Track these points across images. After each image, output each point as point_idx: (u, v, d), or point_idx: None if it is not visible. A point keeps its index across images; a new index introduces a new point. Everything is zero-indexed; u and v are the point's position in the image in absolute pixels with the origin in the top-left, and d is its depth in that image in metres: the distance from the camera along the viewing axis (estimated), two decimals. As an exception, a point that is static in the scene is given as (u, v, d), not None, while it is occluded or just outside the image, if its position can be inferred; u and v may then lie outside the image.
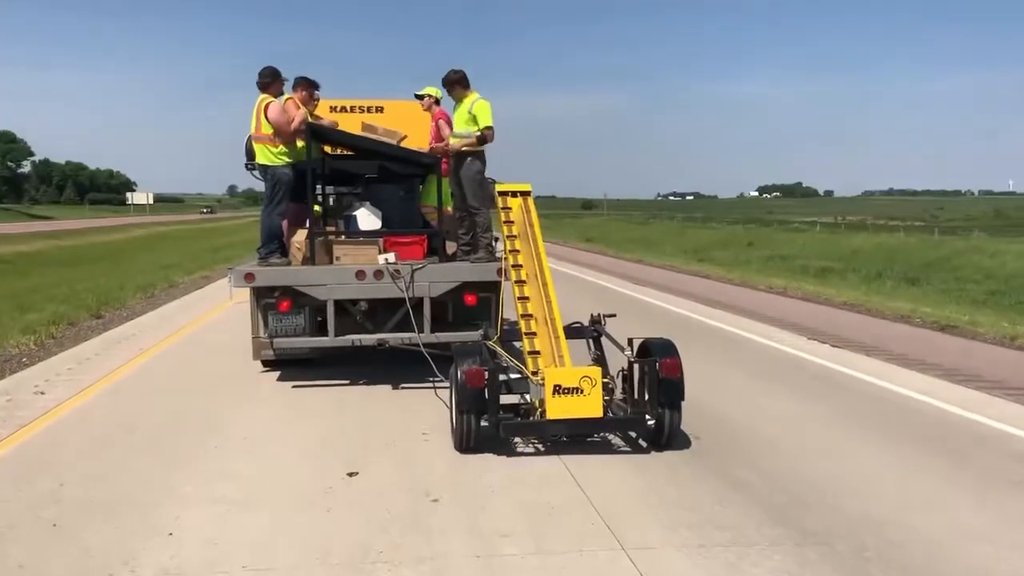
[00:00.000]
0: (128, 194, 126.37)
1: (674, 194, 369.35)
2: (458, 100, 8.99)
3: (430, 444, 6.90)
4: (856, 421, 7.73)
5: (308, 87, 9.30)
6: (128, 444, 6.88)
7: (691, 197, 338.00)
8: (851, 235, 58.61)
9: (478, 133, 8.79)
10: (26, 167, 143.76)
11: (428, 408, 8.00)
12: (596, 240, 53.26)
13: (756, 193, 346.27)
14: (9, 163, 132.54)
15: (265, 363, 9.83)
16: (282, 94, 9.08)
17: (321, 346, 9.07)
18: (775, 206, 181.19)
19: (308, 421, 7.62)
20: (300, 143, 8.99)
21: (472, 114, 8.78)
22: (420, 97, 9.82)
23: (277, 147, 8.88)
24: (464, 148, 8.92)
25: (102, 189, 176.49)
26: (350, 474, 6.08)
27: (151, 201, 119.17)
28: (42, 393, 8.64)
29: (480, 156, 9.05)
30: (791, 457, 6.62)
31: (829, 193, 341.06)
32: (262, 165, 9.04)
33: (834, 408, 8.26)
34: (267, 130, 8.82)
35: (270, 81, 8.99)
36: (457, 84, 8.92)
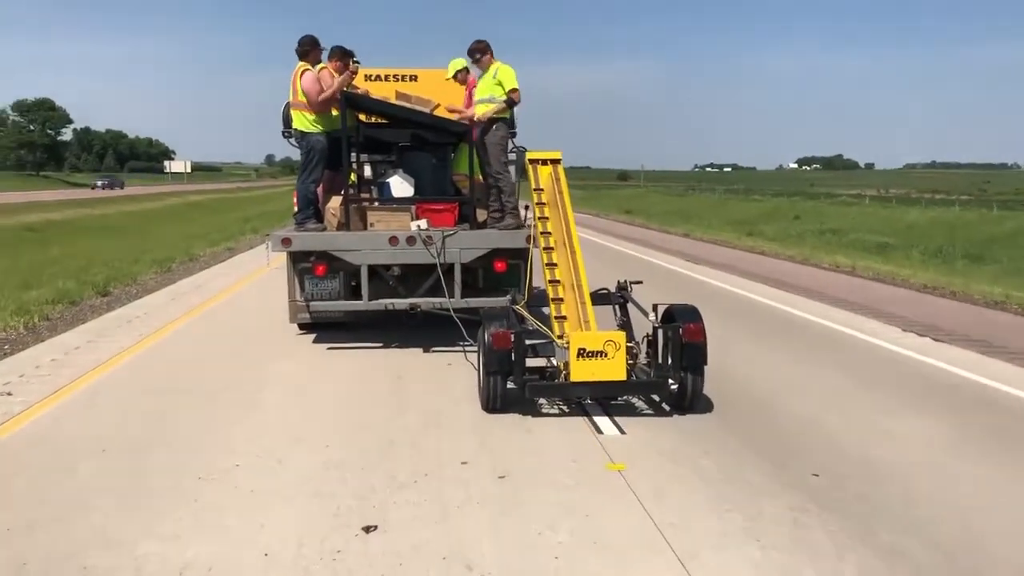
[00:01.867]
0: (166, 162, 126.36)
1: (711, 165, 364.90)
2: (484, 69, 9.04)
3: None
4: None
5: (343, 57, 9.34)
6: (84, 485, 5.47)
7: (728, 169, 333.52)
8: (903, 209, 56.38)
9: (504, 97, 8.86)
10: (66, 135, 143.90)
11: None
12: (636, 212, 51.48)
13: (795, 165, 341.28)
14: (49, 131, 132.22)
15: (301, 326, 10.04)
16: (320, 63, 9.23)
17: (355, 310, 9.32)
18: (815, 178, 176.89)
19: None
20: (335, 111, 9.13)
21: (497, 79, 8.86)
22: (455, 77, 9.94)
23: (311, 115, 9.01)
24: (494, 115, 8.96)
25: (141, 157, 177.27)
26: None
27: (188, 169, 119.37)
28: (8, 395, 7.28)
29: (505, 122, 9.12)
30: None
31: (870, 166, 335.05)
32: (299, 132, 9.14)
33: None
34: (303, 98, 8.96)
35: (308, 49, 9.13)
36: (483, 53, 8.98)
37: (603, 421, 6.57)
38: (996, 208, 51.18)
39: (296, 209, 9.53)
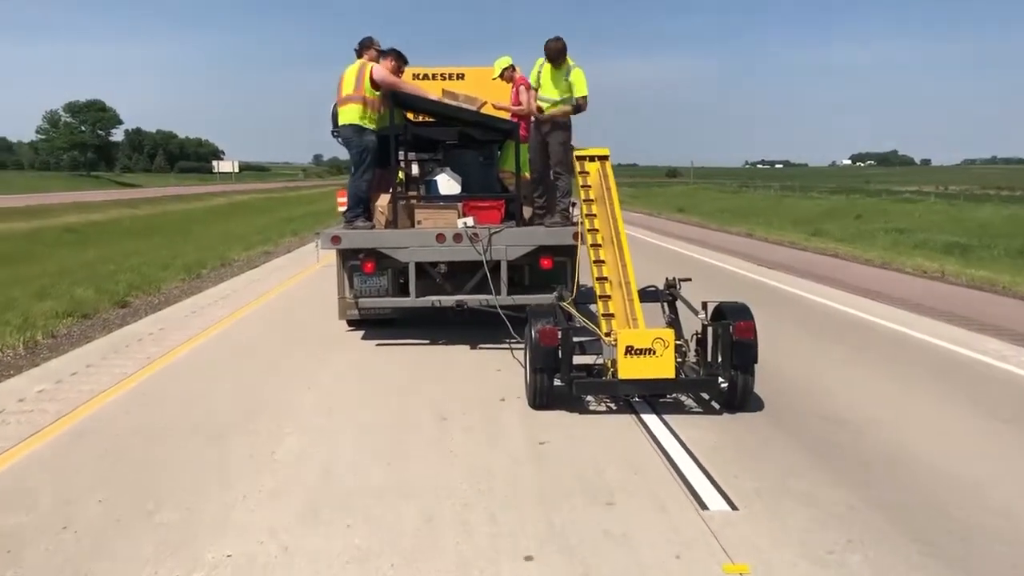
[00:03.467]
0: (214, 162, 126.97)
1: (763, 162, 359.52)
2: (559, 67, 8.87)
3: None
4: None
5: (398, 59, 9.54)
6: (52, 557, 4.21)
7: (780, 165, 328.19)
8: (972, 206, 53.64)
9: (574, 102, 8.92)
10: (116, 135, 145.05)
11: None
12: (689, 210, 49.51)
13: (849, 161, 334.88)
14: (99, 131, 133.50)
15: (349, 323, 10.16)
16: (376, 61, 9.30)
17: (403, 306, 9.43)
18: (871, 175, 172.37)
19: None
20: (384, 110, 9.27)
21: (569, 81, 8.86)
22: (501, 75, 9.94)
23: (370, 111, 9.13)
24: (557, 115, 8.95)
25: (191, 157, 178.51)
26: None
27: (236, 169, 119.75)
28: (-32, 441, 6.00)
29: (568, 123, 9.07)
30: None
31: (926, 162, 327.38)
32: (355, 128, 9.13)
33: None
34: (370, 93, 9.08)
35: (368, 48, 9.35)
36: (561, 53, 8.81)
37: (706, 491, 5.09)
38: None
39: (346, 207, 9.62)
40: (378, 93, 9.13)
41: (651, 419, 6.48)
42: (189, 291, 13.81)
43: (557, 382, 6.63)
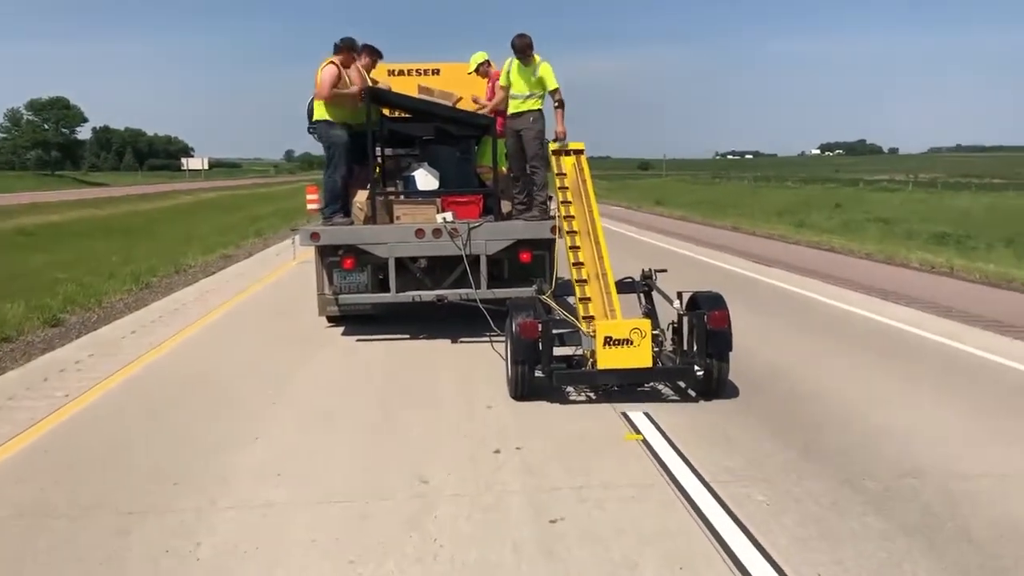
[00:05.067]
0: (183, 160, 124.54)
1: (733, 153, 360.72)
2: (527, 64, 8.88)
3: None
4: None
5: (371, 54, 9.76)
6: None
7: (750, 156, 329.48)
8: (951, 195, 53.34)
9: (553, 99, 8.92)
10: (81, 133, 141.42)
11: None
12: (666, 202, 48.49)
13: (818, 151, 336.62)
14: (64, 130, 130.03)
15: (329, 319, 10.05)
16: (354, 60, 9.41)
17: (383, 302, 9.43)
18: (841, 164, 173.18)
19: None
20: (361, 106, 9.28)
21: (539, 77, 8.86)
22: (476, 70, 10.03)
23: (333, 108, 9.13)
24: (528, 109, 9.00)
25: (160, 155, 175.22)
26: None
27: (206, 167, 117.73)
28: None
29: (541, 116, 9.07)
30: None
31: (894, 150, 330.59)
32: (326, 122, 9.17)
33: None
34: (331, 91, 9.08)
35: (342, 48, 9.25)
36: (528, 47, 8.80)
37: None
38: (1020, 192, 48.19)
39: (324, 203, 9.59)
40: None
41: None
42: (134, 304, 12.29)
43: (538, 373, 6.74)
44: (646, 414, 6.43)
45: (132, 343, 9.51)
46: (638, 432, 6.05)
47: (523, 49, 8.77)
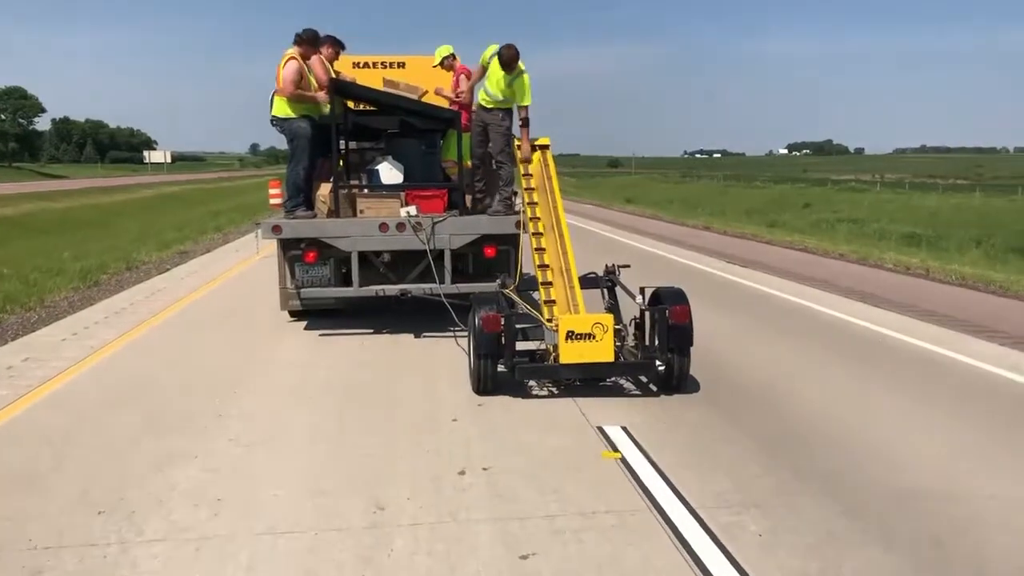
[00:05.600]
0: (145, 153, 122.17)
1: (701, 151, 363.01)
2: (511, 71, 8.65)
3: None
4: None
5: (334, 45, 9.63)
6: None
7: (718, 155, 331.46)
8: (919, 195, 53.85)
9: (522, 123, 8.78)
10: (41, 124, 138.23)
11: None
12: (637, 200, 48.42)
13: (785, 151, 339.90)
14: (20, 120, 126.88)
15: (292, 314, 9.90)
16: (316, 53, 9.21)
17: (346, 296, 9.24)
18: (808, 164, 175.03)
19: None
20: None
21: (515, 87, 8.71)
22: (441, 63, 9.98)
23: (291, 101, 8.94)
24: (498, 107, 8.90)
25: (122, 148, 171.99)
26: None
27: (168, 160, 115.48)
28: None
29: (509, 113, 8.99)
30: None
31: (860, 151, 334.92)
32: (280, 119, 9.03)
33: None
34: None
35: (303, 40, 9.03)
36: (514, 59, 8.59)
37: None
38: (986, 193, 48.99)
39: (286, 197, 9.37)
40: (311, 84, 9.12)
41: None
42: (80, 303, 11.58)
43: (500, 368, 6.72)
44: (623, 428, 5.97)
45: (71, 346, 8.85)
46: (616, 450, 5.58)
47: (509, 63, 8.60)
